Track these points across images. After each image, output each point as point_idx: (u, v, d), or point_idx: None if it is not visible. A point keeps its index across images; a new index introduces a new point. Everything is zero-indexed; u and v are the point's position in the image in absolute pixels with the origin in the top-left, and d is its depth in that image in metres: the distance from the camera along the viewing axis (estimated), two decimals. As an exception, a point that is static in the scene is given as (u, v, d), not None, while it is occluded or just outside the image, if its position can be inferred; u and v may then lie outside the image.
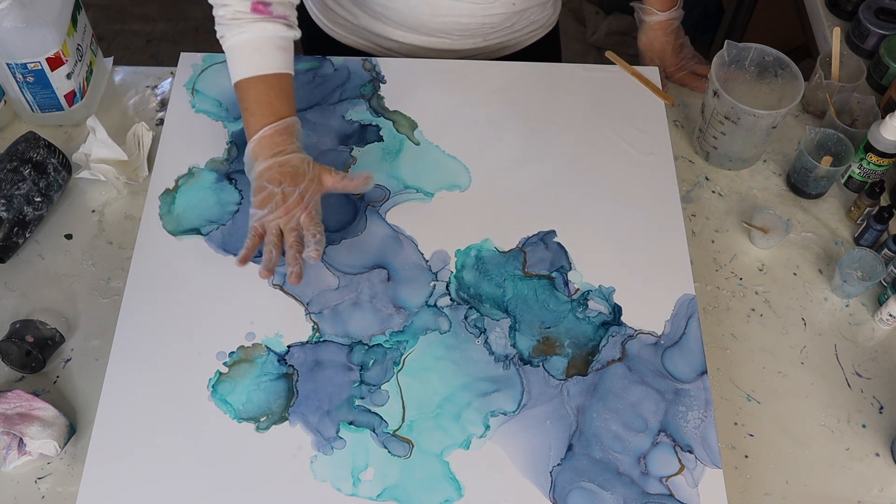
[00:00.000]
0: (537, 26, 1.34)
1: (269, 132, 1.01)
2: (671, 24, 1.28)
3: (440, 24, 1.22)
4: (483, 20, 1.22)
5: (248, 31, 1.01)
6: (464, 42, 1.27)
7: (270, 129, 1.01)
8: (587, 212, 1.10)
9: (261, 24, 1.01)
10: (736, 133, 1.14)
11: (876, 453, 0.99)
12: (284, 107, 1.03)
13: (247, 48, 1.02)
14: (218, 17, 1.03)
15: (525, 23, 1.30)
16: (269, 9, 1.02)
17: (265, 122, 1.01)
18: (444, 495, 0.90)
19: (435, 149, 1.16)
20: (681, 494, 0.90)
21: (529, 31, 1.33)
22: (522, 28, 1.31)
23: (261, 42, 1.02)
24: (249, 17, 1.01)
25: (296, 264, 0.98)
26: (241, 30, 1.01)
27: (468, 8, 1.19)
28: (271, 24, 1.02)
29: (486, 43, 1.29)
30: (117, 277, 1.07)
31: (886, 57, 1.29)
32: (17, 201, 1.06)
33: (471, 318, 1.01)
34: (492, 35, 1.28)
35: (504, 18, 1.24)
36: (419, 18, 1.22)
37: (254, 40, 1.02)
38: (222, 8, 1.02)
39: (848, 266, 1.08)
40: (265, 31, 1.02)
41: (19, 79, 1.13)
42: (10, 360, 0.98)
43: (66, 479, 0.93)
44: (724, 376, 1.03)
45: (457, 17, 1.21)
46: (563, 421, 0.94)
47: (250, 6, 1.01)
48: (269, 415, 0.94)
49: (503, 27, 1.27)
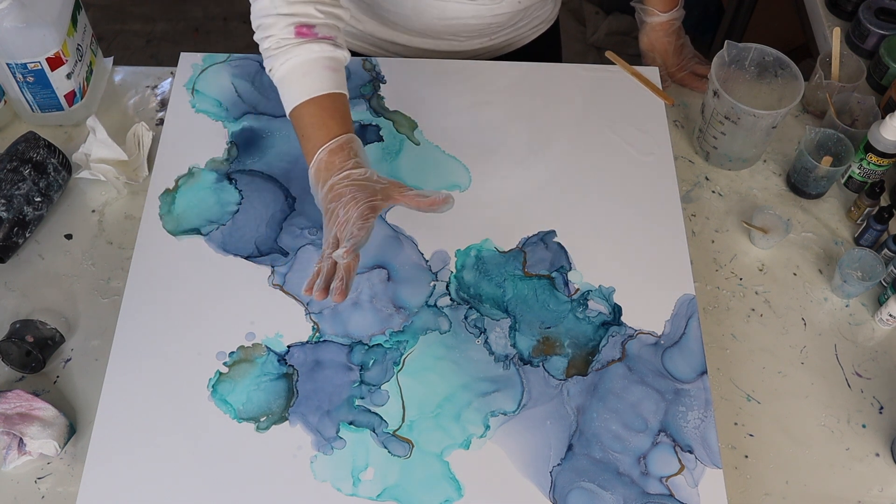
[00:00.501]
0: (540, 21, 1.34)
1: (324, 154, 0.95)
2: (672, 25, 1.28)
3: (447, 26, 1.22)
4: (490, 20, 1.22)
5: (294, 55, 0.97)
6: (471, 43, 1.27)
7: (325, 151, 0.95)
8: (587, 212, 1.10)
9: (306, 45, 0.97)
10: (736, 133, 1.14)
11: (876, 453, 0.99)
12: (339, 126, 0.97)
13: (295, 74, 0.97)
14: (263, 50, 0.99)
15: (529, 19, 1.30)
16: (313, 31, 0.98)
17: (321, 146, 0.96)
18: (444, 495, 0.90)
19: (435, 149, 1.16)
20: (681, 494, 0.90)
21: (533, 27, 1.33)
22: (526, 24, 1.31)
23: (308, 65, 0.97)
24: (294, 41, 0.97)
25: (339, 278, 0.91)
26: (286, 56, 0.97)
27: (476, 9, 1.19)
28: (317, 44, 0.97)
29: (491, 42, 1.29)
30: (117, 277, 1.07)
31: (886, 57, 1.29)
32: (17, 201, 1.06)
33: (471, 318, 1.01)
34: (498, 34, 1.28)
35: (510, 17, 1.24)
36: (427, 22, 1.21)
37: (301, 64, 0.97)
38: (267, 40, 0.98)
39: (848, 266, 1.08)
40: (311, 53, 0.97)
41: (19, 79, 1.13)
42: (10, 360, 0.98)
43: (66, 479, 0.93)
44: (724, 376, 1.03)
45: (464, 19, 1.21)
46: (563, 421, 0.94)
47: (294, 31, 0.97)
48: (269, 415, 0.94)
49: (509, 25, 1.27)
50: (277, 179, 1.12)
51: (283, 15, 0.97)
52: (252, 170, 1.13)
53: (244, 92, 1.20)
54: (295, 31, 0.97)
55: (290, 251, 1.06)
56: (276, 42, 0.97)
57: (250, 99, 1.19)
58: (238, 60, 1.23)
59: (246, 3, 1.02)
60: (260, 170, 1.13)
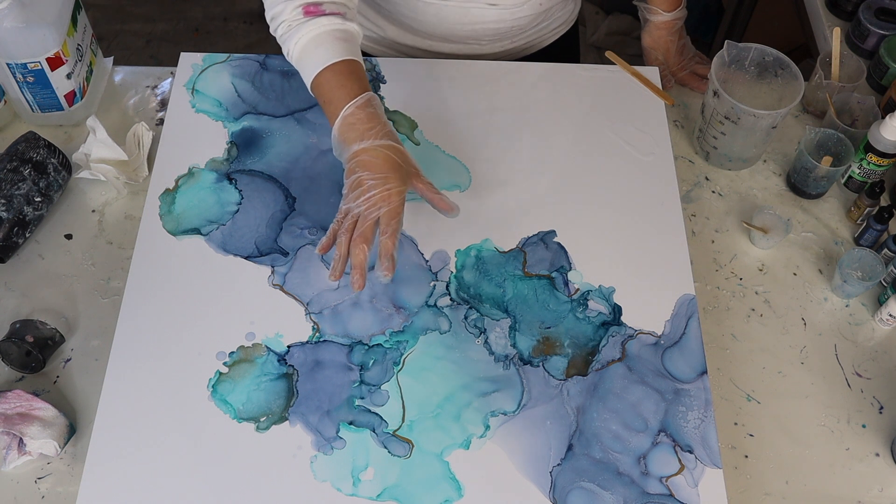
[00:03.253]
0: (560, 22, 1.34)
1: (352, 110, 0.98)
2: (676, 24, 1.28)
3: (470, 31, 1.22)
4: (512, 23, 1.22)
5: (305, 31, 1.00)
6: (492, 46, 1.28)
7: (352, 107, 0.98)
8: (587, 212, 1.10)
9: (315, 20, 1.00)
10: (736, 133, 1.14)
11: (876, 453, 0.99)
12: (358, 86, 0.99)
13: (309, 48, 1.01)
14: (277, 36, 1.02)
15: (550, 20, 1.30)
16: (320, 8, 1.01)
17: (346, 104, 0.98)
18: (444, 495, 0.90)
19: (435, 149, 1.16)
20: (681, 494, 0.90)
21: (553, 29, 1.33)
22: (547, 26, 1.31)
23: (320, 38, 1.00)
24: (303, 20, 1.00)
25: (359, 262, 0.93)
26: (298, 35, 1.00)
27: (498, 13, 1.19)
28: (325, 18, 1.00)
29: (513, 45, 1.29)
30: (117, 277, 1.07)
31: (886, 57, 1.29)
32: (17, 201, 1.06)
33: (471, 318, 1.01)
34: (518, 36, 1.28)
35: (532, 19, 1.24)
36: (450, 28, 1.22)
37: (313, 38, 1.00)
38: (279, 27, 1.02)
39: (848, 266, 1.08)
40: (321, 27, 1.00)
41: (19, 79, 1.13)
42: (10, 360, 0.98)
43: (66, 479, 0.93)
44: (724, 376, 1.03)
45: (486, 24, 1.21)
46: (563, 421, 0.94)
47: (302, 11, 1.00)
48: (269, 415, 0.94)
49: (530, 27, 1.27)
50: (277, 179, 1.12)
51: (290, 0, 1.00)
52: (252, 170, 1.13)
53: (244, 92, 1.20)
54: (303, 10, 1.01)
55: (290, 251, 1.06)
56: (286, 25, 1.01)
57: (250, 99, 1.19)
58: (238, 60, 1.23)
59: (246, 3, 1.02)
60: (260, 170, 1.13)
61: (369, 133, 0.97)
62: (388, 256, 0.94)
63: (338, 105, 0.99)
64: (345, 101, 0.98)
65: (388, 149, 0.97)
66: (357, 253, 0.94)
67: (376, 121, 0.98)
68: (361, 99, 0.98)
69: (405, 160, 0.99)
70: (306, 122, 1.17)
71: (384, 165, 0.96)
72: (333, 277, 0.95)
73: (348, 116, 0.98)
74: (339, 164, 1.13)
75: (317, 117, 1.17)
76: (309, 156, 1.14)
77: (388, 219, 0.95)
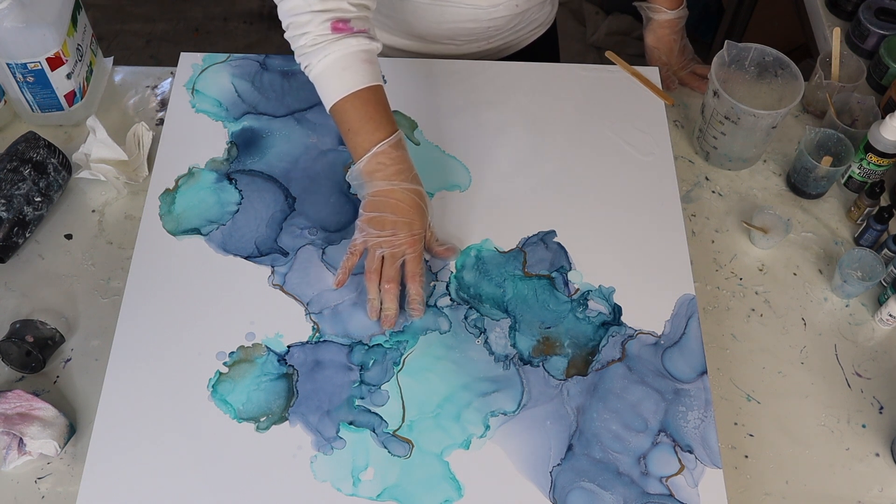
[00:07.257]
0: (537, 24, 1.34)
1: (384, 148, 0.99)
2: (679, 23, 1.28)
3: (446, 30, 1.22)
4: (488, 24, 1.22)
5: (333, 50, 0.98)
6: (469, 46, 1.27)
7: (385, 146, 0.99)
8: (587, 212, 1.10)
9: (343, 41, 0.99)
10: (736, 133, 1.14)
11: (876, 453, 0.99)
12: (387, 120, 1.00)
13: (335, 68, 0.99)
14: (298, 47, 1.01)
15: (526, 22, 1.30)
16: (349, 25, 0.99)
17: (375, 139, 0.99)
18: (444, 495, 0.90)
19: (435, 149, 1.16)
20: (681, 494, 0.90)
21: (530, 30, 1.33)
22: (524, 27, 1.31)
23: (348, 60, 0.99)
24: (331, 37, 0.99)
25: (392, 305, 0.99)
26: (325, 52, 0.99)
27: (473, 13, 1.19)
28: (354, 39, 0.99)
29: (489, 45, 1.29)
30: (117, 277, 1.07)
31: (886, 57, 1.29)
32: (17, 201, 1.06)
33: (471, 318, 1.01)
34: (495, 37, 1.28)
35: (508, 20, 1.24)
36: (426, 27, 1.21)
37: (340, 59, 0.99)
38: (302, 38, 0.99)
39: (848, 266, 1.08)
40: (349, 48, 0.99)
41: (19, 79, 1.13)
42: (10, 360, 0.98)
43: (66, 479, 0.93)
44: (724, 376, 1.03)
45: (462, 23, 1.21)
46: (563, 421, 0.94)
47: (330, 27, 0.98)
48: (269, 415, 0.94)
49: (507, 28, 1.27)
50: (277, 179, 1.12)
51: (317, 12, 0.98)
52: (252, 170, 1.13)
53: (244, 92, 1.20)
54: (331, 27, 0.99)
55: (290, 251, 1.06)
56: (312, 39, 0.99)
57: (250, 99, 1.19)
58: (238, 60, 1.23)
59: (246, 3, 1.02)
60: (260, 170, 1.13)
61: (398, 175, 0.99)
62: (419, 301, 1.00)
63: (365, 138, 0.99)
64: (373, 134, 0.99)
65: (415, 193, 1.00)
66: (389, 305, 0.99)
67: (405, 164, 1.00)
68: (394, 139, 1.00)
69: (427, 205, 1.01)
70: (306, 122, 1.17)
71: (410, 211, 0.99)
72: (373, 317, 1.00)
73: (379, 154, 0.99)
74: (339, 165, 1.13)
75: (317, 117, 1.17)
76: (309, 156, 1.14)
77: (415, 265, 1.00)
